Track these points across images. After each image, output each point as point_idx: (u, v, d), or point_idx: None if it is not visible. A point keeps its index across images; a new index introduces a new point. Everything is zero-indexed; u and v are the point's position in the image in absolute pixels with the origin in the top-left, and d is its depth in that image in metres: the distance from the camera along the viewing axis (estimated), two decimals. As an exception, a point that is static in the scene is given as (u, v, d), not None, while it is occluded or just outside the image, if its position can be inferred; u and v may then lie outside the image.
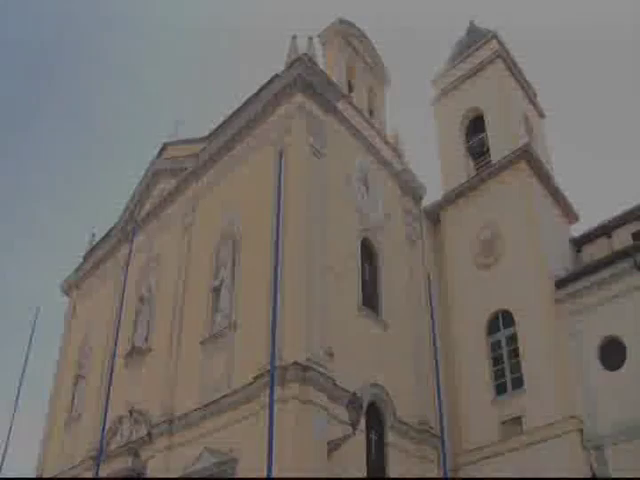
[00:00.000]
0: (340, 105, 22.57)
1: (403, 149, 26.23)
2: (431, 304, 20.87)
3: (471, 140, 28.09)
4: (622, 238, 23.54)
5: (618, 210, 24.50)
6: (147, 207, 27.15)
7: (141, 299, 24.73)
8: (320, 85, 21.50)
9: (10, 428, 24.44)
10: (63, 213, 67.85)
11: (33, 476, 26.71)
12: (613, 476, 18.56)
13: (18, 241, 65.29)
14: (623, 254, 20.99)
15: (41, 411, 28.75)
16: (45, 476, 26.01)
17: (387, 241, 22.90)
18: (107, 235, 29.63)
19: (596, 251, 24.16)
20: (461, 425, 22.18)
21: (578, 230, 26.68)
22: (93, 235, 31.54)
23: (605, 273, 20.99)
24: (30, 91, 65.07)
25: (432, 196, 26.85)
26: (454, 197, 26.12)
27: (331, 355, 17.84)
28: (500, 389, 21.93)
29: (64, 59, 68.30)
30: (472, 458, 21.22)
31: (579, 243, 25.44)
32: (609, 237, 24.27)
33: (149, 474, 19.67)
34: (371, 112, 26.17)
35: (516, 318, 22.23)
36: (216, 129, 24.26)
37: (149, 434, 20.48)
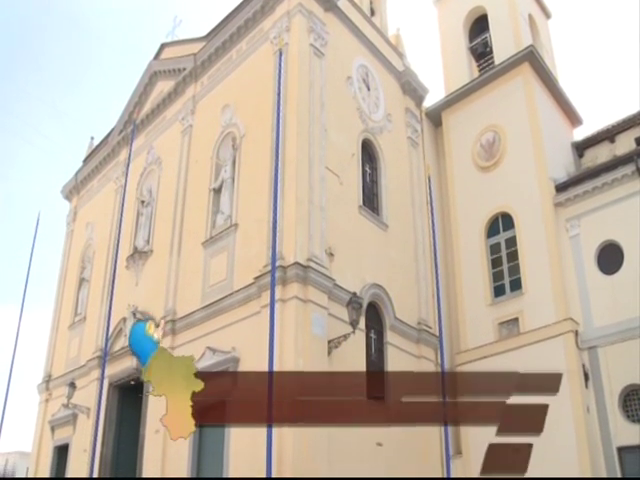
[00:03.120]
0: (341, 4, 21.96)
1: (405, 49, 25.68)
2: (431, 206, 20.80)
3: (474, 41, 27.37)
4: (625, 143, 23.27)
5: (622, 114, 24.22)
6: (146, 109, 26.74)
7: (142, 201, 24.79)
8: (320, -18, 20.87)
9: (17, 331, 24.80)
10: (62, 118, 67.27)
11: (43, 376, 27.40)
12: (603, 374, 19.15)
13: (19, 149, 65.00)
14: (625, 159, 20.86)
15: (47, 314, 29.15)
16: (54, 376, 26.66)
17: (388, 142, 22.68)
18: (106, 138, 29.36)
19: (598, 155, 23.97)
20: (459, 325, 22.53)
21: (581, 134, 26.40)
22: (92, 139, 31.31)
23: (606, 178, 20.88)
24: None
25: (434, 98, 26.51)
26: (456, 99, 25.59)
27: (331, 255, 18.00)
28: (498, 291, 22.13)
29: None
30: (469, 358, 21.58)
31: (581, 147, 25.09)
32: (612, 142, 23.99)
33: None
34: (373, 11, 25.49)
35: (516, 221, 22.21)
36: (214, 29, 23.68)
37: (152, 334, 20.84)
